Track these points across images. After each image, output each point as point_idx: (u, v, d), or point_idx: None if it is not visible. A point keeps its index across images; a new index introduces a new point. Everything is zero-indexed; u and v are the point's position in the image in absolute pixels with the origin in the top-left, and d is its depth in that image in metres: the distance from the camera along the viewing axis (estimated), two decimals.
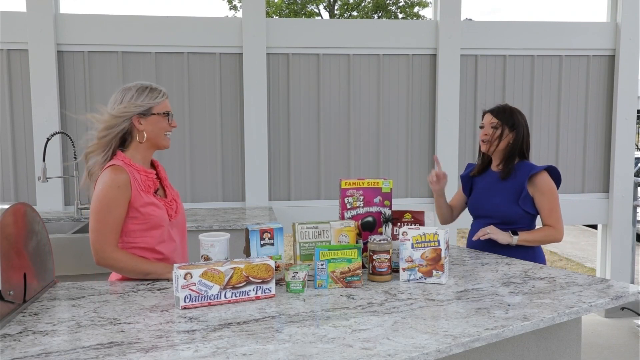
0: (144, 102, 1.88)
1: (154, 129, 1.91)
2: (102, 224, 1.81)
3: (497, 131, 2.33)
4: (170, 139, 1.99)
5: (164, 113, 1.92)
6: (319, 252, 1.75)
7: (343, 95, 4.02)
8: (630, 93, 4.17)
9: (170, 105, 2.04)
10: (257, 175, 3.89)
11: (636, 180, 4.24)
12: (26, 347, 1.27)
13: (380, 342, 1.29)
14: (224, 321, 1.44)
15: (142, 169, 1.92)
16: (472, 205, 2.46)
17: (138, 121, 1.89)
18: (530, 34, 4.11)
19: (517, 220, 2.31)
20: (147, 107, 1.88)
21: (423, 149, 4.13)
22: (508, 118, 2.34)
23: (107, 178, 1.82)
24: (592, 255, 7.44)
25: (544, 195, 2.28)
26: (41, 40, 3.63)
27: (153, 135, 1.92)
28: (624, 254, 4.24)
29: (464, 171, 2.59)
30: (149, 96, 1.89)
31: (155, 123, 1.91)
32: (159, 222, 1.90)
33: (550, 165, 2.33)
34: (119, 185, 1.82)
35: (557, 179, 2.33)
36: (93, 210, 1.83)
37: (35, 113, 3.66)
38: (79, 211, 3.38)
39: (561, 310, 1.53)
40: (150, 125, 1.90)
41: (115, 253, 1.83)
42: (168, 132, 1.96)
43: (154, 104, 1.90)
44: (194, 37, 3.82)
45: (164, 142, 1.96)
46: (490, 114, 2.38)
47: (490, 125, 2.35)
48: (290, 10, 20.27)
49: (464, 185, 2.55)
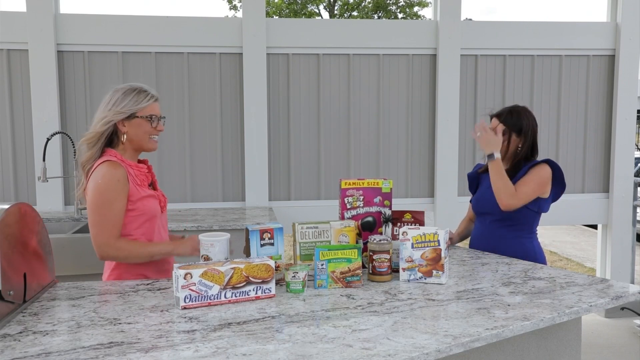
0: (125, 108, 1.89)
1: (137, 132, 1.92)
2: (104, 218, 1.83)
3: (503, 137, 2.31)
4: (157, 142, 1.99)
5: (148, 117, 1.93)
6: (319, 252, 1.75)
7: (343, 95, 4.02)
8: (630, 93, 4.17)
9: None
10: (257, 175, 3.89)
11: (636, 180, 4.24)
12: (26, 347, 1.27)
13: (380, 342, 1.29)
14: (224, 321, 1.44)
15: (134, 164, 1.95)
16: (475, 202, 2.46)
17: (122, 124, 1.91)
18: (530, 34, 4.11)
19: (519, 217, 2.30)
20: (129, 113, 1.90)
21: (423, 149, 4.13)
22: (515, 123, 2.32)
23: (105, 172, 1.83)
24: (592, 255, 7.44)
25: (528, 175, 2.26)
26: (41, 40, 3.63)
27: (136, 138, 1.93)
28: (624, 254, 4.24)
29: (472, 170, 2.59)
30: (134, 100, 1.90)
31: (138, 126, 1.92)
32: (154, 214, 1.95)
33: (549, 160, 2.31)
34: (119, 179, 1.84)
35: (559, 175, 2.30)
36: (93, 205, 1.84)
37: (35, 113, 3.66)
38: (79, 211, 3.38)
39: (561, 310, 1.53)
40: (132, 128, 1.92)
41: (118, 243, 1.85)
42: (154, 135, 1.96)
43: (136, 109, 1.90)
44: (194, 37, 3.82)
45: (149, 145, 1.96)
46: (497, 118, 2.36)
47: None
48: (290, 10, 20.27)
49: (471, 182, 2.55)
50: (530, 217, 2.32)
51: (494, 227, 2.35)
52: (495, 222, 2.34)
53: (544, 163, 2.30)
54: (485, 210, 2.39)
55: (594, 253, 7.49)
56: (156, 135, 1.97)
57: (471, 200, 2.55)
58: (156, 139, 1.98)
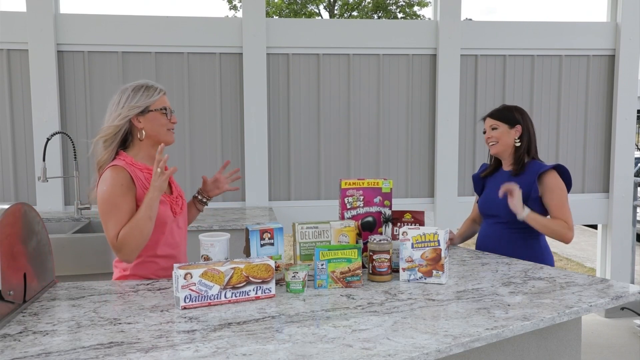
0: (139, 102, 1.88)
1: (153, 126, 1.91)
2: (115, 222, 1.80)
3: (498, 131, 2.35)
4: (173, 134, 1.99)
5: (162, 109, 1.93)
6: (319, 252, 1.75)
7: (343, 95, 4.02)
8: (630, 93, 4.17)
9: (170, 104, 2.04)
10: (257, 175, 3.89)
11: (636, 180, 4.24)
12: (26, 347, 1.27)
13: (380, 342, 1.29)
14: (224, 321, 1.44)
15: (145, 166, 1.92)
16: (482, 204, 2.46)
17: (137, 119, 1.89)
18: (530, 34, 4.11)
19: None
20: (143, 107, 1.89)
21: (423, 149, 4.13)
22: (506, 116, 2.36)
23: (107, 178, 1.83)
24: (592, 255, 7.44)
25: (552, 193, 2.26)
26: (41, 40, 3.63)
27: (153, 132, 1.92)
28: (624, 254, 4.23)
29: (477, 171, 2.59)
30: (145, 95, 1.90)
31: (154, 120, 1.91)
32: (163, 220, 1.90)
33: (559, 164, 2.32)
34: (122, 183, 1.82)
35: (567, 179, 2.31)
36: (102, 212, 1.82)
37: (35, 113, 3.66)
38: (79, 211, 3.38)
39: (561, 310, 1.53)
40: (148, 123, 1.91)
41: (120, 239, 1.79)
42: (170, 127, 1.96)
43: (149, 102, 1.90)
44: (194, 37, 3.82)
45: (167, 137, 1.95)
46: (489, 117, 2.41)
47: (490, 128, 2.38)
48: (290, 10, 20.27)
49: (476, 184, 2.55)
50: None
51: (501, 230, 2.35)
52: (502, 224, 2.34)
53: (553, 170, 2.29)
54: (491, 213, 2.39)
55: (594, 253, 7.49)
56: (172, 127, 1.97)
57: (477, 201, 2.55)
58: (173, 131, 1.98)
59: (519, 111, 2.38)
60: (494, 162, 2.48)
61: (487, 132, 2.39)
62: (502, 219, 2.33)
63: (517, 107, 2.40)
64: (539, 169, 2.28)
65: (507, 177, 2.37)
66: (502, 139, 2.35)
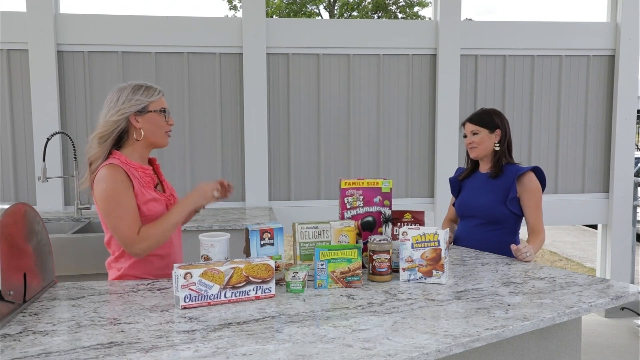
0: (140, 99, 1.87)
1: (152, 127, 1.91)
2: (120, 219, 1.80)
3: (479, 136, 2.41)
4: (169, 137, 1.98)
5: (161, 110, 1.92)
6: (319, 252, 1.75)
7: (343, 95, 4.02)
8: (630, 93, 4.17)
9: (170, 105, 2.03)
10: (257, 175, 3.89)
11: (636, 180, 4.24)
12: (26, 347, 1.27)
13: (380, 342, 1.29)
14: (224, 321, 1.44)
15: (139, 165, 1.91)
16: (459, 205, 2.51)
17: (135, 119, 1.88)
18: (530, 34, 4.11)
19: (502, 220, 2.36)
20: (143, 105, 1.88)
21: (423, 149, 4.13)
22: (486, 121, 2.42)
23: (105, 177, 1.81)
24: (592, 255, 7.44)
25: (530, 194, 2.34)
26: (41, 40, 3.63)
27: (150, 134, 1.91)
28: (624, 254, 4.24)
29: (454, 175, 2.64)
30: (145, 94, 1.89)
31: (152, 121, 1.90)
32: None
33: (536, 166, 2.40)
34: (121, 180, 1.82)
35: (542, 180, 2.39)
36: (105, 212, 1.82)
37: (35, 113, 3.66)
38: (79, 211, 3.38)
39: (561, 310, 1.53)
40: (147, 123, 1.90)
41: (141, 234, 1.81)
42: (167, 130, 1.95)
43: (150, 101, 1.89)
44: (194, 37, 3.82)
45: (163, 140, 1.95)
46: (469, 122, 2.46)
47: (471, 133, 2.44)
48: (290, 10, 20.27)
49: (453, 187, 2.61)
50: (512, 220, 2.38)
51: (478, 230, 2.41)
52: (479, 225, 2.40)
53: (531, 172, 2.36)
54: (468, 214, 2.46)
55: (594, 253, 7.49)
56: (169, 129, 1.97)
57: (454, 203, 2.61)
58: (169, 134, 1.98)
59: (498, 115, 2.45)
60: (471, 165, 2.55)
61: (468, 137, 2.45)
62: (478, 220, 2.40)
63: (495, 111, 2.46)
64: (517, 171, 2.36)
65: (484, 179, 2.44)
66: (483, 144, 2.42)
